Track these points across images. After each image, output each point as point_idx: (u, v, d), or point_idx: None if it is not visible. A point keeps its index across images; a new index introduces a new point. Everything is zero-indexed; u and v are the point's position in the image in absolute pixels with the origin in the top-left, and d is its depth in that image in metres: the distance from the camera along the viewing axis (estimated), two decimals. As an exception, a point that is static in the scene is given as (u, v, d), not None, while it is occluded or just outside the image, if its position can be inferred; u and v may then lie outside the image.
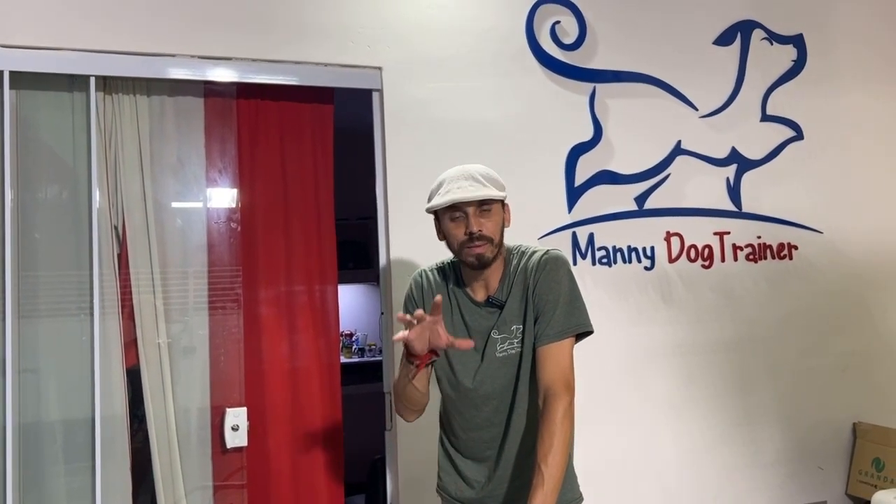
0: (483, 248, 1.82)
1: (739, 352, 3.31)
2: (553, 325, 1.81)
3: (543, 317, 1.83)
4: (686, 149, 3.31)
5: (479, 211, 1.82)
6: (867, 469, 3.33)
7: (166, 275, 2.69)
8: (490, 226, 1.83)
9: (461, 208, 1.82)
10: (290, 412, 2.80)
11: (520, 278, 1.89)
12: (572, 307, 1.84)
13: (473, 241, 1.82)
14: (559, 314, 1.82)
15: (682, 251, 3.26)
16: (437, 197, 1.85)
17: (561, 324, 1.82)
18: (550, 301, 1.83)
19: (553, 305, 1.83)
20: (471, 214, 1.81)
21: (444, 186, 1.84)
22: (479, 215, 1.82)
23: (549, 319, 1.82)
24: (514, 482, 1.89)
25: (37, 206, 2.58)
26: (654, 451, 3.14)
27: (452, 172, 1.86)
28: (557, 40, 3.14)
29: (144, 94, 2.71)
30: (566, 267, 1.89)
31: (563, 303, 1.83)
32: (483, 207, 1.82)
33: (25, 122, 2.57)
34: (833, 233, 3.52)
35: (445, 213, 1.86)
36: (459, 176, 1.83)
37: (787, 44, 3.54)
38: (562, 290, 1.84)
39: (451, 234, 1.86)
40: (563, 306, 1.83)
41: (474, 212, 1.81)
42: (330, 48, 2.84)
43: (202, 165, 2.79)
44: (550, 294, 1.84)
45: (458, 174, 1.84)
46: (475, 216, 1.81)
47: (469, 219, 1.81)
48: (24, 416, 2.50)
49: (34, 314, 2.54)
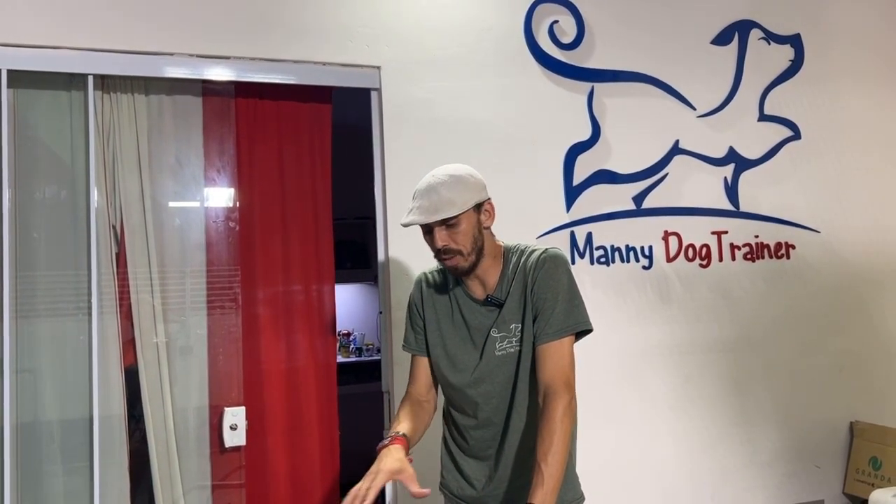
0: (453, 261, 1.82)
1: (737, 351, 3.32)
2: (552, 324, 1.81)
3: (542, 315, 1.82)
4: (684, 148, 3.31)
5: (445, 226, 1.79)
6: (864, 468, 3.34)
7: (164, 274, 2.69)
8: (459, 238, 1.80)
9: (423, 226, 1.82)
10: (288, 411, 2.80)
11: (519, 277, 1.88)
12: (571, 305, 1.83)
13: (442, 255, 1.82)
14: (558, 312, 1.81)
15: (680, 250, 3.27)
16: (405, 212, 1.84)
17: (560, 322, 1.81)
18: (549, 299, 1.82)
19: (552, 304, 1.82)
20: (435, 230, 1.80)
21: (412, 201, 1.82)
22: (445, 230, 1.79)
23: (548, 318, 1.81)
24: (515, 482, 1.89)
25: (35, 205, 2.58)
26: (652, 450, 3.15)
27: (421, 184, 1.83)
28: (556, 40, 3.15)
29: (143, 93, 2.70)
30: (565, 265, 1.88)
31: (563, 301, 1.82)
32: (449, 223, 1.79)
33: (23, 121, 2.57)
34: (830, 232, 3.53)
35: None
36: (423, 191, 1.80)
37: (784, 44, 3.54)
38: (561, 289, 1.83)
39: (429, 246, 1.86)
40: (563, 304, 1.82)
41: (438, 227, 1.80)
42: (328, 47, 2.84)
43: (200, 165, 2.78)
44: (549, 292, 1.83)
45: (423, 189, 1.81)
46: (439, 231, 1.79)
47: (434, 236, 1.80)
48: (23, 416, 2.50)
49: (32, 314, 2.53)
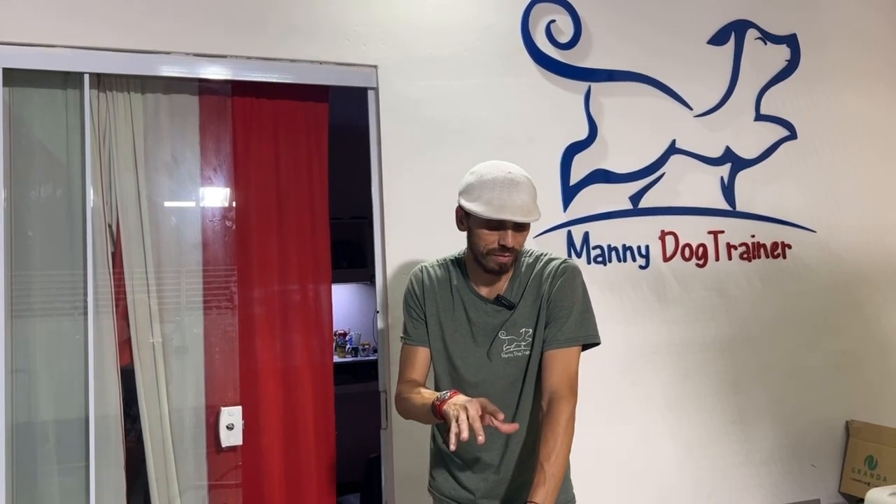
0: (508, 259, 1.84)
1: (733, 350, 3.32)
2: (564, 332, 1.84)
3: (556, 322, 1.85)
4: (680, 148, 3.32)
5: (519, 226, 1.81)
6: (860, 467, 3.35)
7: (161, 273, 2.69)
8: (521, 239, 1.84)
9: (504, 221, 1.79)
10: (285, 411, 2.79)
11: (534, 283, 1.90)
12: (584, 317, 1.87)
13: (503, 253, 1.82)
14: (571, 322, 1.85)
15: (677, 250, 3.27)
16: (481, 204, 1.77)
17: (572, 331, 1.84)
18: (565, 308, 1.85)
19: (567, 312, 1.85)
20: (510, 229, 1.80)
21: (490, 192, 1.77)
22: (517, 230, 1.81)
23: (560, 326, 1.84)
24: (514, 482, 1.90)
25: (30, 204, 2.57)
26: (649, 449, 3.15)
27: (497, 175, 1.79)
28: (553, 39, 3.15)
29: (139, 91, 2.70)
30: (581, 278, 1.92)
31: (577, 312, 1.86)
32: (525, 226, 1.83)
33: (19, 120, 2.56)
34: (826, 232, 3.54)
35: (483, 218, 1.81)
36: (507, 183, 1.77)
37: (780, 43, 3.55)
38: (577, 299, 1.87)
39: (481, 237, 1.82)
40: (576, 315, 1.86)
41: (514, 226, 1.80)
42: (325, 46, 2.84)
43: (197, 164, 2.78)
44: (565, 301, 1.86)
45: (504, 180, 1.78)
46: (514, 231, 1.80)
47: (508, 233, 1.79)
48: (18, 416, 2.49)
49: (28, 313, 2.52)
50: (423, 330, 1.99)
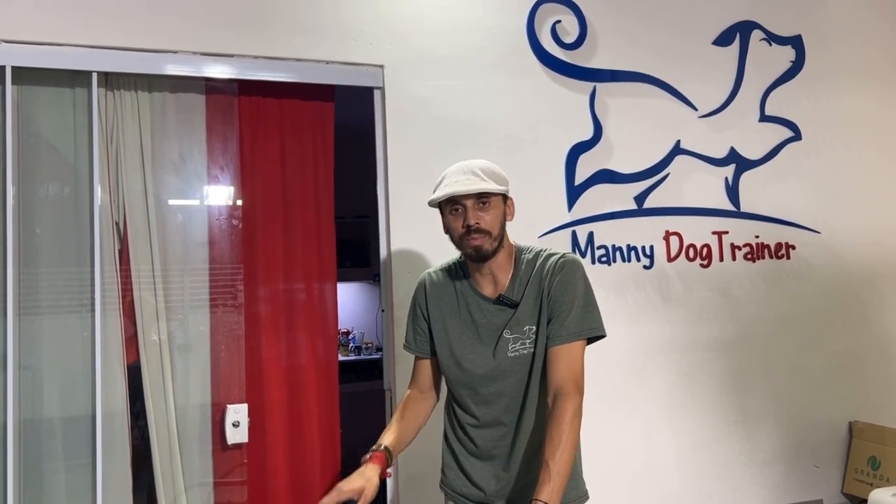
0: (480, 241, 1.84)
1: (737, 350, 3.33)
2: (567, 327, 1.83)
3: (558, 318, 1.85)
4: (685, 148, 3.32)
5: (478, 204, 1.83)
6: (863, 468, 3.36)
7: (167, 271, 2.70)
8: (488, 219, 1.84)
9: (460, 202, 1.84)
10: (290, 409, 2.80)
11: (535, 280, 1.90)
12: (586, 310, 1.87)
13: (471, 234, 1.83)
14: (574, 316, 1.84)
15: (681, 250, 3.28)
16: (437, 190, 1.88)
17: (575, 326, 1.84)
18: (566, 303, 1.85)
19: (568, 307, 1.85)
20: (469, 207, 1.83)
21: (445, 181, 1.87)
22: (478, 209, 1.83)
23: (563, 321, 1.84)
24: (521, 480, 1.90)
25: (38, 202, 2.58)
26: (652, 448, 3.16)
27: (454, 167, 1.89)
28: (558, 39, 3.15)
29: (146, 90, 2.71)
30: (582, 270, 1.91)
31: (578, 306, 1.85)
32: (481, 200, 1.84)
33: (27, 118, 2.57)
34: (830, 233, 3.54)
35: (446, 207, 1.88)
36: (459, 170, 1.86)
37: (785, 44, 3.56)
38: (577, 293, 1.87)
39: (451, 227, 1.89)
40: (578, 309, 1.85)
41: (472, 205, 1.83)
42: (331, 46, 2.85)
43: (203, 162, 2.79)
44: (566, 296, 1.86)
45: (458, 169, 1.87)
46: (473, 209, 1.83)
47: (467, 212, 1.83)
48: (25, 413, 2.50)
49: (35, 311, 2.54)
50: (424, 341, 2.02)
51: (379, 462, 1.87)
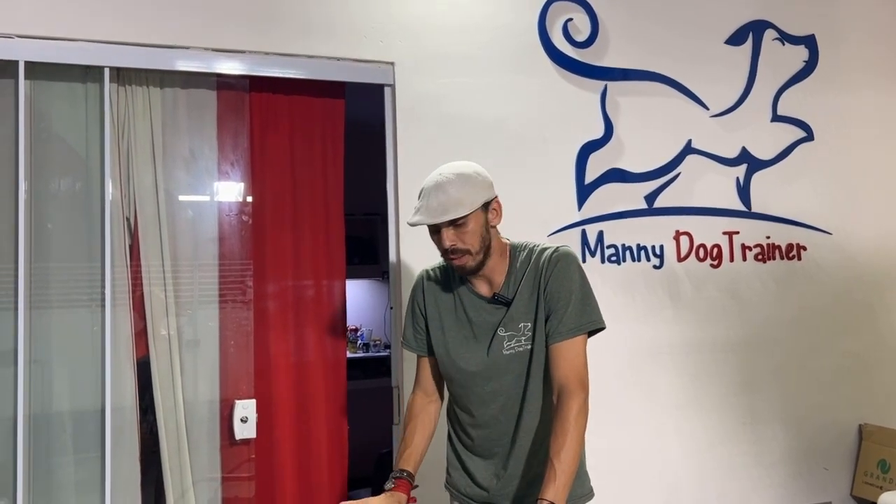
0: (461, 261, 1.81)
1: (746, 351, 3.32)
2: (566, 323, 1.80)
3: (556, 314, 1.81)
4: (696, 148, 3.31)
5: (453, 226, 1.78)
6: (873, 470, 3.34)
7: (177, 267, 2.71)
8: (466, 237, 1.79)
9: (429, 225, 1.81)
10: (298, 405, 2.81)
11: (529, 276, 1.87)
12: (584, 304, 1.83)
13: (450, 255, 1.82)
14: (571, 311, 1.81)
15: (691, 250, 3.27)
16: (413, 212, 1.82)
17: (573, 321, 1.80)
18: (563, 298, 1.82)
19: (565, 303, 1.81)
20: (443, 231, 1.79)
21: (419, 199, 1.81)
22: (453, 230, 1.79)
23: (561, 317, 1.81)
24: (524, 478, 1.89)
25: (50, 196, 2.59)
26: (659, 448, 3.15)
27: (428, 183, 1.81)
28: (570, 38, 3.14)
29: (157, 86, 2.71)
30: (576, 263, 1.87)
31: (576, 300, 1.82)
32: (457, 223, 1.78)
33: (39, 113, 2.58)
34: (842, 234, 3.52)
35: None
36: (431, 190, 1.78)
37: (798, 44, 3.53)
38: (573, 287, 1.83)
39: (435, 244, 1.86)
40: (576, 303, 1.81)
41: (446, 228, 1.79)
42: (342, 43, 2.85)
43: (214, 158, 2.79)
44: (562, 291, 1.82)
45: (430, 187, 1.79)
46: (447, 232, 1.79)
47: (441, 235, 1.80)
48: (35, 406, 2.52)
49: (46, 305, 2.55)
50: (422, 338, 2.00)
51: (404, 490, 1.86)
